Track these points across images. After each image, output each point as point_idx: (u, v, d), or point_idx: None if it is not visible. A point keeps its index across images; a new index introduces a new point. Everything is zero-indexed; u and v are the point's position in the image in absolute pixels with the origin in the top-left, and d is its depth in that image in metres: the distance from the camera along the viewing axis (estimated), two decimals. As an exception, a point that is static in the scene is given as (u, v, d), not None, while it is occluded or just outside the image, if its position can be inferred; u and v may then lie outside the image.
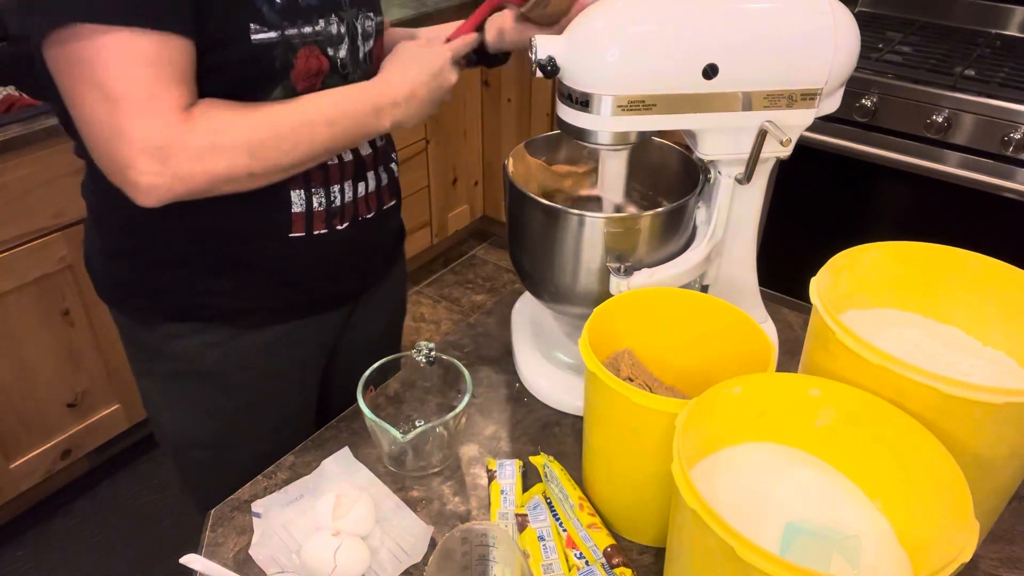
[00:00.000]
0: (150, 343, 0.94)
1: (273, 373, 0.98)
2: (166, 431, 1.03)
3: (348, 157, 0.90)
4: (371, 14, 0.91)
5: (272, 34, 0.76)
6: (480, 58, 1.03)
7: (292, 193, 0.86)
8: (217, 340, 0.92)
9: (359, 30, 0.88)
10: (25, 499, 1.86)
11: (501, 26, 0.99)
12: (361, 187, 0.92)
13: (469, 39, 0.94)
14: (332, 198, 0.89)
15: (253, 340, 0.94)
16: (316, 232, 0.89)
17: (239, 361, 0.95)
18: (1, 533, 1.83)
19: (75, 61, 0.68)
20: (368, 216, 0.94)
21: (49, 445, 1.79)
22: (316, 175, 0.87)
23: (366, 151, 0.93)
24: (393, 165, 1.00)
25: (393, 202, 1.00)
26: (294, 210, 0.86)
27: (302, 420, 1.04)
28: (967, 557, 0.50)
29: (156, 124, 0.69)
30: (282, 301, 0.93)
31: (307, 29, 0.79)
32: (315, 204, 0.88)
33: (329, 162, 0.87)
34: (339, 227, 0.91)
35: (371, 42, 0.91)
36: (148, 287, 0.90)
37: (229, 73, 0.76)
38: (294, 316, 0.95)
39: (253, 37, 0.75)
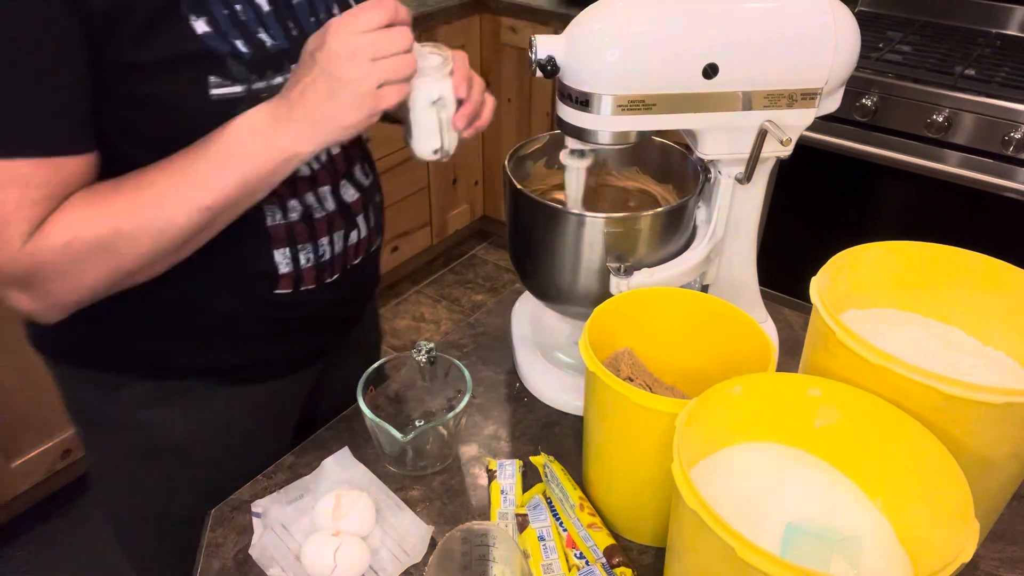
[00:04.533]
0: (111, 414, 0.84)
1: (249, 434, 0.91)
2: (119, 504, 0.94)
3: (331, 207, 0.81)
4: None
5: (237, 88, 0.67)
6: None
7: (276, 253, 0.78)
8: (191, 405, 0.85)
9: None
10: (25, 499, 1.85)
11: None
12: (354, 235, 0.85)
13: None
14: (321, 252, 0.81)
15: (229, 402, 0.87)
16: (303, 288, 0.82)
17: (213, 429, 0.87)
18: (1, 533, 1.83)
19: None
20: (356, 262, 0.87)
21: (49, 445, 1.79)
22: (300, 231, 0.79)
23: (352, 196, 0.84)
24: (378, 198, 0.91)
25: (378, 241, 0.92)
26: (281, 271, 0.79)
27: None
28: (967, 557, 0.50)
29: (4, 256, 0.62)
30: (261, 360, 0.87)
31: (278, 80, 0.70)
32: (303, 261, 0.80)
33: (316, 215, 0.79)
34: (328, 280, 0.84)
35: None
36: (112, 344, 0.81)
37: (180, 132, 0.66)
38: (273, 376, 0.89)
39: (213, 92, 0.66)
